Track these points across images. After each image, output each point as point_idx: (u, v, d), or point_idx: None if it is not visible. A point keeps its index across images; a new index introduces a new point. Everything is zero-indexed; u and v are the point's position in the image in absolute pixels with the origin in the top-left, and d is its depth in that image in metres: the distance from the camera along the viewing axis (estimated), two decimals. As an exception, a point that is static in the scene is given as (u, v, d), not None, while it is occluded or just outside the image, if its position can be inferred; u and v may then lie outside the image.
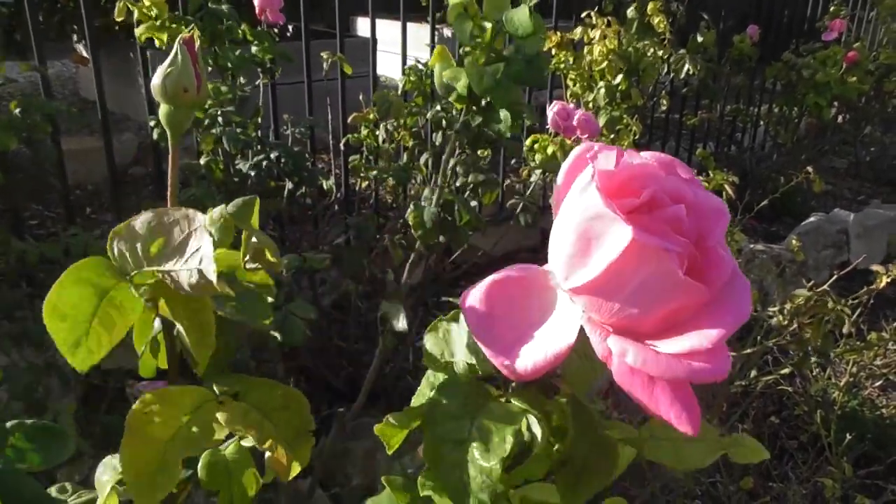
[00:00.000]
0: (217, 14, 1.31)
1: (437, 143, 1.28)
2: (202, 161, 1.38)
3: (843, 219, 2.41)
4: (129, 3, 1.25)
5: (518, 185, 2.20)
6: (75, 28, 3.14)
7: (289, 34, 3.08)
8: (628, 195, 0.34)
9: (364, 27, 4.43)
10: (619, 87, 1.82)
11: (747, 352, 1.23)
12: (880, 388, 1.70)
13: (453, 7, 1.09)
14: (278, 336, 0.94)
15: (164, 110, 0.47)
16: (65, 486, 0.55)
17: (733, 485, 1.29)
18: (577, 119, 1.26)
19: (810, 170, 1.42)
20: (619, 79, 1.79)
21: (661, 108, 2.37)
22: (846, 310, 1.08)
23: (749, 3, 3.24)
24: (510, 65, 1.09)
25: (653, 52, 1.88)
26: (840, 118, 3.32)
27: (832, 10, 2.99)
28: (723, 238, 0.35)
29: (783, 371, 1.22)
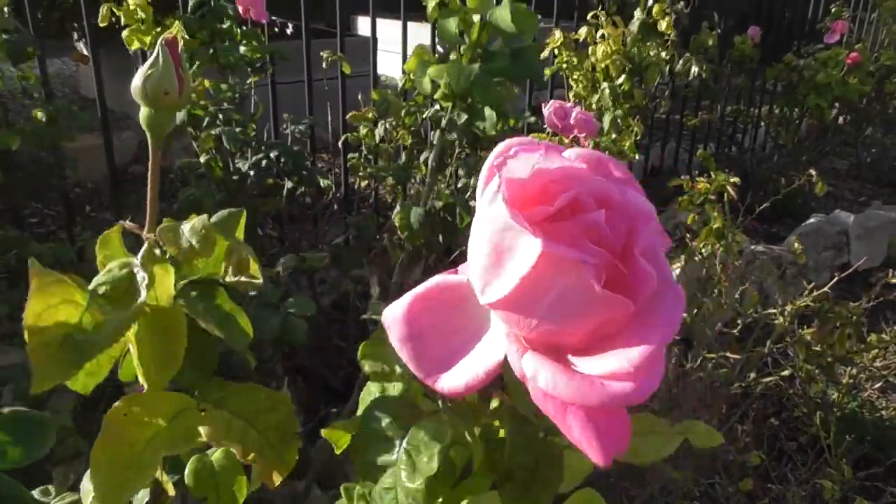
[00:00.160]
0: (218, 12, 1.31)
1: (435, 142, 1.28)
2: (202, 160, 1.38)
3: (844, 220, 2.41)
4: (113, 7, 1.24)
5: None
6: (75, 26, 3.14)
7: (289, 33, 3.07)
8: (544, 202, 0.32)
9: (365, 26, 4.43)
10: (621, 88, 1.81)
11: (748, 354, 1.23)
12: (880, 390, 1.70)
13: (433, 9, 1.07)
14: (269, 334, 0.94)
15: (144, 113, 0.46)
16: (48, 488, 0.53)
17: (732, 486, 1.29)
18: (574, 118, 1.26)
19: (813, 172, 1.42)
20: (622, 79, 1.79)
21: (663, 108, 2.37)
22: (859, 315, 1.08)
23: (750, 3, 3.24)
24: (495, 60, 1.07)
25: (656, 52, 1.87)
26: (841, 119, 3.32)
27: (833, 11, 2.99)
28: (652, 245, 0.32)
29: (784, 373, 1.22)
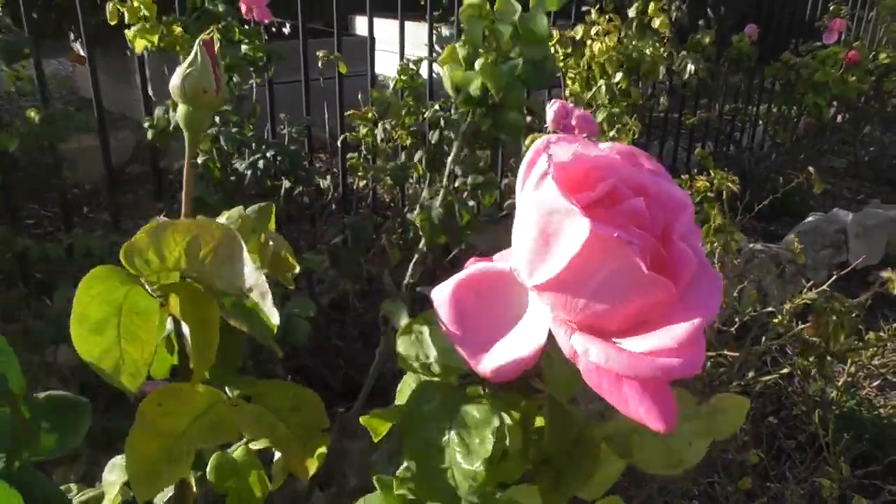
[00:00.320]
0: (213, 14, 1.31)
1: (434, 142, 1.28)
2: (199, 161, 1.38)
3: (842, 218, 2.41)
4: (118, 5, 1.24)
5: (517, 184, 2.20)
6: (72, 27, 3.13)
7: (286, 32, 3.07)
8: (585, 189, 0.33)
9: (362, 26, 4.42)
10: (618, 85, 1.81)
11: (746, 352, 1.23)
12: (878, 388, 1.70)
13: (466, 7, 1.08)
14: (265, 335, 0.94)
15: (182, 111, 0.47)
16: (70, 486, 0.54)
17: (731, 485, 1.29)
18: (574, 117, 1.26)
19: (812, 170, 1.42)
20: (619, 77, 1.79)
21: (661, 107, 2.37)
22: (856, 312, 1.08)
23: (749, 2, 3.24)
24: (519, 66, 1.09)
25: (653, 50, 1.87)
26: (839, 118, 3.32)
27: (832, 9, 2.99)
28: (689, 231, 0.33)
29: (783, 371, 1.22)
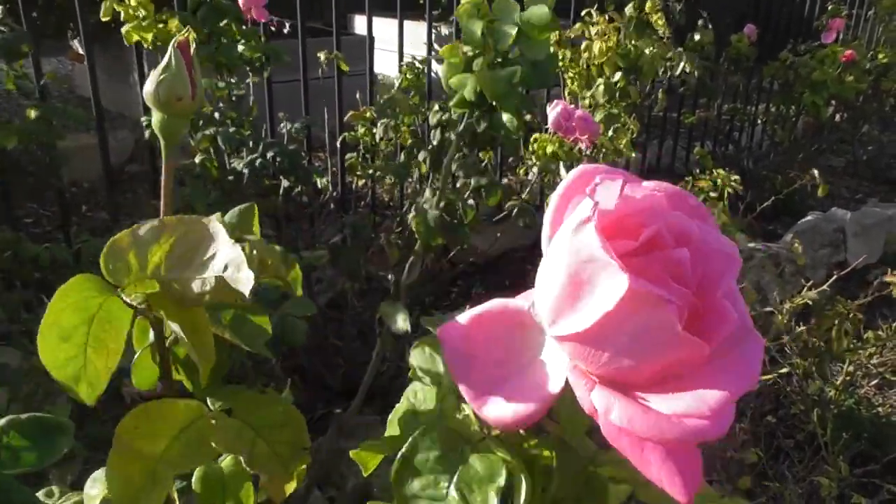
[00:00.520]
0: (219, 9, 1.30)
1: (436, 142, 1.28)
2: (197, 160, 1.38)
3: (841, 217, 2.41)
4: (114, 4, 1.24)
5: (515, 184, 2.20)
6: (72, 25, 3.13)
7: (286, 32, 3.07)
8: (626, 235, 0.30)
9: (361, 25, 4.42)
10: (617, 85, 1.81)
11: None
12: (876, 387, 1.70)
13: (464, 5, 1.08)
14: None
15: (156, 118, 0.45)
16: (52, 489, 0.53)
17: (730, 484, 1.29)
18: (575, 119, 1.26)
19: (816, 173, 1.42)
20: (618, 76, 1.79)
21: (659, 106, 2.37)
22: (856, 313, 1.08)
23: (747, 2, 3.24)
24: (520, 67, 1.08)
25: (651, 50, 1.87)
26: (837, 117, 3.32)
27: (830, 8, 2.99)
28: (731, 287, 0.31)
29: (782, 370, 1.22)
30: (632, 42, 1.88)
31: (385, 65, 3.25)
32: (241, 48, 1.39)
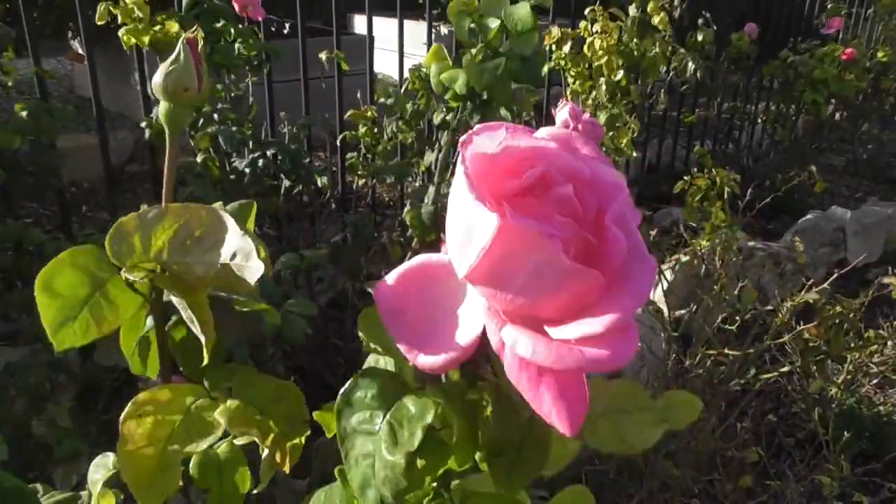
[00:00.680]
0: (214, 11, 1.31)
1: (444, 142, 1.28)
2: (198, 159, 1.38)
3: (841, 216, 2.41)
4: (110, 6, 1.24)
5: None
6: (71, 26, 3.13)
7: (285, 32, 3.07)
8: (515, 176, 0.32)
9: (361, 24, 4.42)
10: (619, 84, 1.81)
11: (748, 351, 1.23)
12: (877, 386, 1.70)
13: (454, 3, 1.08)
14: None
15: (163, 108, 0.47)
16: (35, 486, 0.54)
17: (731, 483, 1.29)
18: (581, 122, 1.26)
19: (814, 169, 1.42)
20: (620, 75, 1.79)
21: (660, 105, 2.37)
22: (856, 311, 1.08)
23: (747, 2, 3.24)
24: (507, 61, 1.09)
25: (655, 49, 1.87)
26: (837, 116, 3.32)
27: (830, 7, 2.99)
28: (622, 214, 0.33)
29: (783, 369, 1.22)
30: (634, 41, 1.88)
31: (385, 64, 3.25)
32: (238, 47, 1.39)
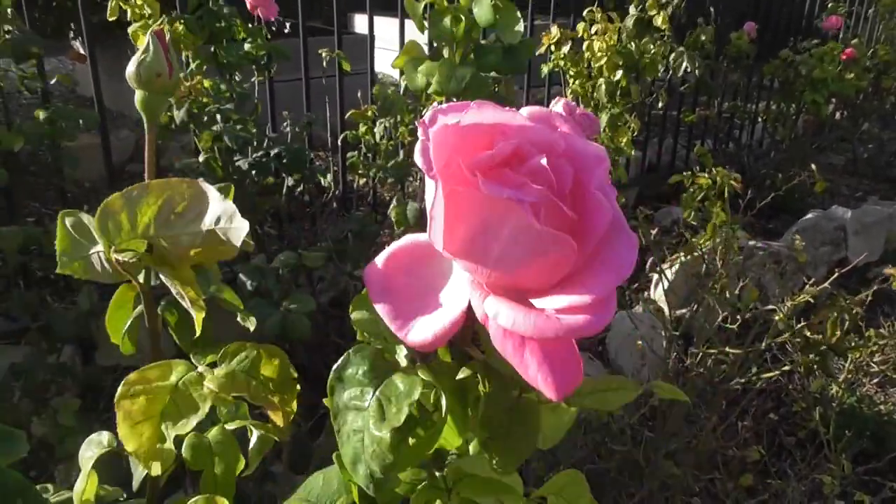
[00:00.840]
0: (216, 13, 1.31)
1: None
2: (201, 158, 1.38)
3: (841, 216, 2.41)
4: (121, 3, 1.24)
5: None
6: (72, 25, 3.13)
7: (286, 31, 3.07)
8: (486, 148, 0.33)
9: (362, 24, 4.42)
10: (618, 84, 1.81)
11: (749, 350, 1.23)
12: (878, 385, 1.70)
13: (419, 8, 1.07)
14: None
15: (139, 96, 0.50)
16: (47, 486, 0.56)
17: (732, 482, 1.30)
18: (576, 116, 1.26)
19: (814, 167, 1.42)
20: (619, 75, 1.79)
21: (660, 104, 2.37)
22: (857, 308, 1.08)
23: (747, 1, 3.24)
24: (486, 54, 1.08)
25: (654, 48, 1.87)
26: (838, 115, 3.32)
27: (830, 6, 3.00)
28: (603, 184, 0.33)
29: (784, 368, 1.22)
30: (633, 41, 1.88)
31: (386, 64, 3.26)
32: (247, 47, 1.39)
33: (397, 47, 2.00)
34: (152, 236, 0.43)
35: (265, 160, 1.38)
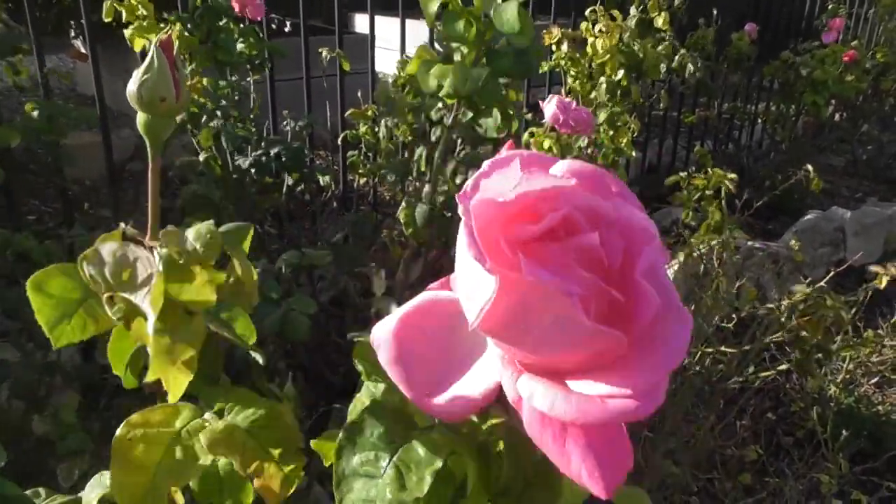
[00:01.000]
0: (216, 10, 1.31)
1: (434, 138, 1.28)
2: (201, 157, 1.38)
3: (840, 216, 2.41)
4: (115, 4, 1.24)
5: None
6: (72, 23, 3.13)
7: (287, 30, 3.07)
8: (532, 220, 0.29)
9: (362, 24, 4.42)
10: (619, 84, 1.82)
11: (745, 349, 1.23)
12: (876, 385, 1.71)
13: (433, 7, 1.07)
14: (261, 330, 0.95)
15: (141, 119, 0.44)
16: (38, 490, 0.54)
17: (730, 481, 1.30)
18: (570, 114, 1.26)
19: (810, 168, 1.42)
20: (621, 75, 1.79)
21: (662, 105, 2.38)
22: (844, 308, 1.08)
23: (747, 2, 3.25)
24: (499, 58, 1.08)
25: (657, 49, 1.88)
26: (837, 116, 3.32)
27: (830, 8, 3.00)
28: (653, 265, 0.29)
29: (781, 367, 1.23)
30: (634, 41, 1.89)
31: (386, 63, 3.26)
32: (240, 46, 1.40)
33: (398, 47, 2.00)
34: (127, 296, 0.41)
35: (265, 159, 1.39)
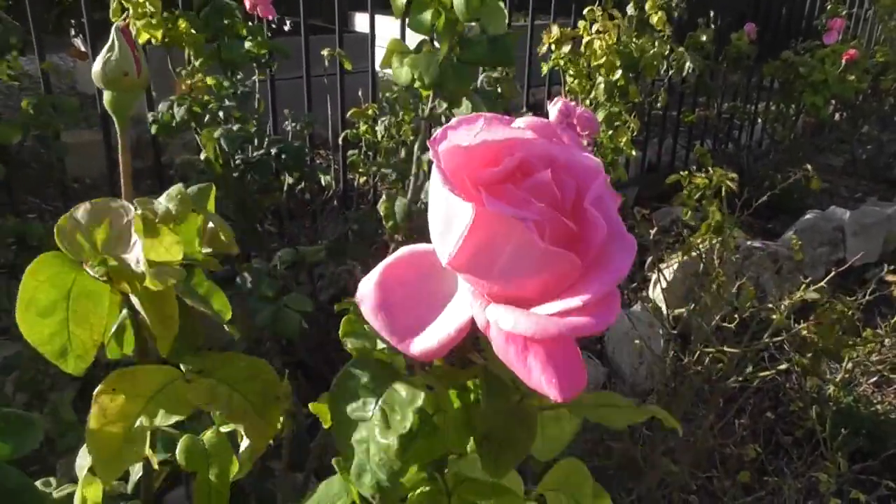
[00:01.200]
0: (221, 9, 1.31)
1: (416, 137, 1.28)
2: (201, 156, 1.38)
3: (840, 216, 2.42)
4: (122, 1, 1.25)
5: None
6: (72, 22, 3.14)
7: (287, 30, 3.07)
8: (493, 165, 0.33)
9: (363, 23, 4.42)
10: (617, 83, 1.82)
11: (746, 349, 1.24)
12: (875, 385, 1.71)
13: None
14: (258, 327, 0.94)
15: (107, 96, 0.48)
16: (49, 480, 0.55)
17: (729, 479, 1.30)
18: (575, 116, 1.27)
19: (809, 167, 1.43)
20: (619, 74, 1.79)
21: (660, 105, 2.38)
22: (855, 312, 1.09)
23: (747, 2, 3.25)
24: (472, 47, 1.08)
25: (653, 48, 1.88)
26: (837, 116, 3.32)
27: (830, 8, 3.00)
28: (600, 196, 0.34)
29: (780, 367, 1.23)
30: (632, 40, 1.89)
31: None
32: (247, 45, 1.40)
33: (398, 46, 2.00)
34: (107, 257, 0.42)
35: (265, 158, 1.39)
